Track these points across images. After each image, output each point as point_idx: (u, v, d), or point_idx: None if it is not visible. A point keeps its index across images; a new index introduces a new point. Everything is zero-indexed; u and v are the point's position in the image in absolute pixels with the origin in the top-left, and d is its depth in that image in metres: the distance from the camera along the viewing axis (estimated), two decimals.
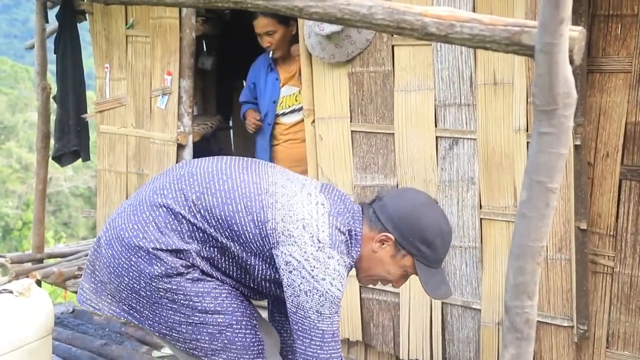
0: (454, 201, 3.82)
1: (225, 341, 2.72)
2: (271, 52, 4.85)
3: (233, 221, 2.59)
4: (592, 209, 3.52)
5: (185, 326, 2.69)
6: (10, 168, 22.72)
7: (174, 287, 2.62)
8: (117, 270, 2.68)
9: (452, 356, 3.94)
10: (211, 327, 2.69)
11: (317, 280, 2.52)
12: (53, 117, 6.18)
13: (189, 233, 2.62)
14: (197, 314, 2.67)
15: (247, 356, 2.77)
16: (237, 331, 2.73)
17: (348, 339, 4.28)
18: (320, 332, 2.58)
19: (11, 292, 3.72)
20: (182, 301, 2.64)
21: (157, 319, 2.72)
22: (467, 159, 3.77)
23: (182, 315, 2.67)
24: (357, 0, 2.00)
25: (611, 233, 3.51)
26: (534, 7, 3.41)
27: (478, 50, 3.61)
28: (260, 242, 2.61)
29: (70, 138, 5.94)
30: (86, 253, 6.25)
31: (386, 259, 2.78)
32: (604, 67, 3.41)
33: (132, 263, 2.63)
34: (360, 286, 4.14)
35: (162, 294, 2.64)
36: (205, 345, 2.73)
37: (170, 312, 2.68)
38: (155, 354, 4.57)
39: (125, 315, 2.80)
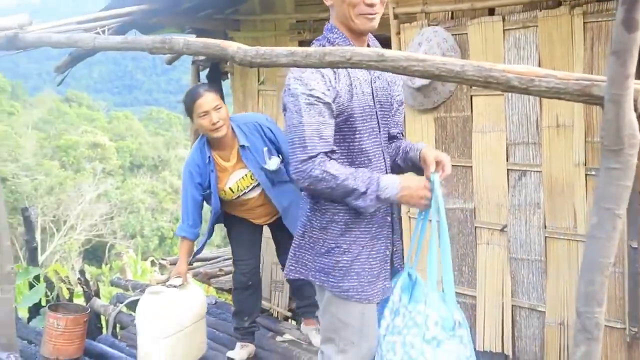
0: (522, 222, 3.76)
1: None
2: (214, 134, 3.89)
3: None
4: None
5: None
6: (165, 191, 23.30)
7: None
8: None
9: (519, 350, 3.86)
10: None
11: None
12: None
13: None
14: None
15: None
16: None
17: None
18: None
19: (175, 286, 3.81)
20: None
21: None
22: (533, 188, 3.70)
23: None
24: (451, 60, 1.99)
25: None
26: (591, 63, 3.36)
27: (543, 98, 3.56)
28: None
29: None
30: (224, 258, 6.38)
31: (338, 7, 2.53)
32: None
33: None
34: None
35: None
36: None
37: None
38: (278, 339, 4.60)
39: None
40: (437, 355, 2.40)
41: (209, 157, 3.97)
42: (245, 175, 4.03)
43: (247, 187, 4.05)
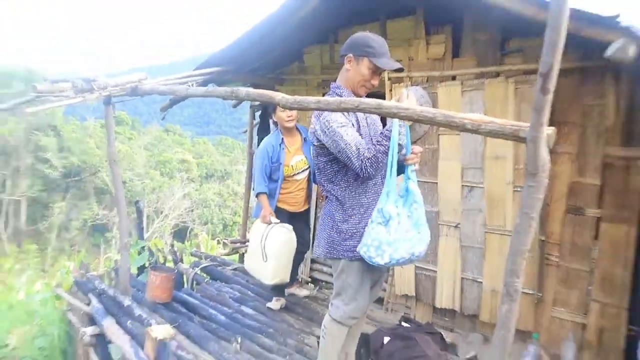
0: (470, 221, 3.75)
1: None
2: (287, 123, 4.01)
3: None
4: (548, 229, 3.39)
5: None
6: (228, 194, 23.40)
7: None
8: None
9: (464, 307, 3.84)
10: None
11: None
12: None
13: None
14: None
15: None
16: None
17: (406, 294, 4.21)
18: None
19: (278, 222, 3.87)
20: None
21: None
22: (478, 198, 3.69)
23: None
24: (426, 108, 2.02)
25: (557, 243, 3.37)
26: (519, 115, 3.36)
27: (487, 137, 3.56)
28: None
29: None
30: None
31: (355, 69, 2.54)
32: (558, 150, 3.30)
33: None
34: (415, 265, 4.09)
35: None
36: None
37: None
38: (301, 293, 4.60)
39: None
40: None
41: (282, 139, 4.08)
42: (302, 159, 4.12)
43: (301, 168, 4.11)
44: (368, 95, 2.50)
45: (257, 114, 5.96)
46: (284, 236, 3.81)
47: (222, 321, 3.96)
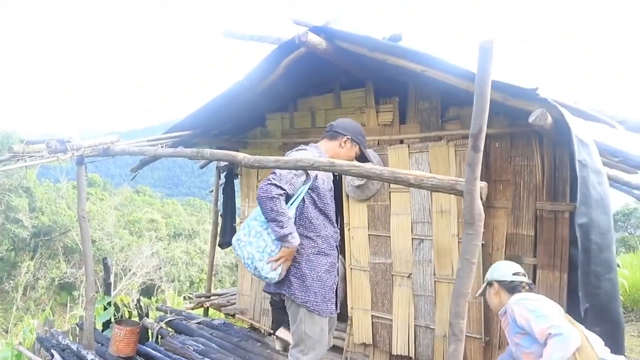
0: (421, 272, 3.78)
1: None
2: None
3: None
4: None
5: None
6: (195, 252, 22.88)
7: None
8: None
9: (419, 353, 3.80)
10: None
11: None
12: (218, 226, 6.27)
13: None
14: None
15: None
16: None
17: (364, 342, 4.14)
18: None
19: None
20: None
21: None
22: (427, 250, 3.74)
23: None
24: (375, 167, 2.09)
25: None
26: (459, 173, 3.48)
27: (433, 193, 3.66)
28: None
29: (227, 236, 5.95)
30: (231, 294, 6.24)
31: (347, 150, 2.78)
32: (495, 205, 3.42)
33: None
34: (372, 314, 4.05)
35: None
36: None
37: None
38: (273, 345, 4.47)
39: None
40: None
41: None
42: None
43: None
44: None
45: (223, 174, 5.97)
46: None
47: None
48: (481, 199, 1.77)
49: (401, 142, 3.93)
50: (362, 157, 2.82)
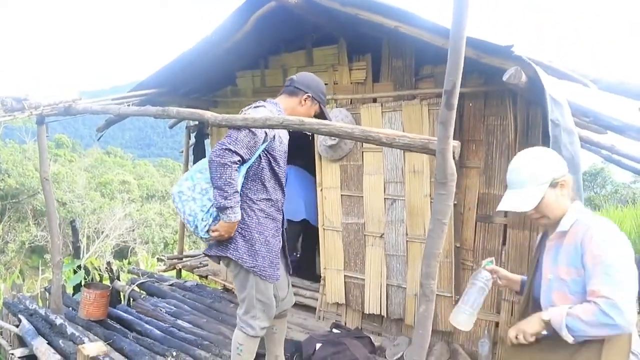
0: (393, 232, 3.79)
1: None
2: None
3: None
4: (462, 236, 3.48)
5: None
6: (169, 213, 22.73)
7: None
8: None
9: (390, 312, 3.86)
10: None
11: None
12: None
13: None
14: None
15: None
16: None
17: (337, 302, 4.18)
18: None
19: None
20: None
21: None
22: (400, 210, 3.74)
23: None
24: (346, 125, 2.02)
25: (471, 249, 3.47)
26: (433, 132, 3.45)
27: (406, 153, 3.63)
28: None
29: None
30: (201, 256, 6.20)
31: (307, 108, 2.63)
32: (468, 164, 3.41)
33: None
34: (345, 274, 4.07)
35: None
36: None
37: None
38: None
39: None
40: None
41: None
42: None
43: None
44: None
45: (193, 134, 5.82)
46: None
47: (157, 336, 3.76)
48: (454, 158, 1.73)
49: (374, 100, 3.85)
50: (321, 116, 2.67)
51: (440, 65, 3.50)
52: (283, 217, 2.73)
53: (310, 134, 2.64)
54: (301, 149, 4.42)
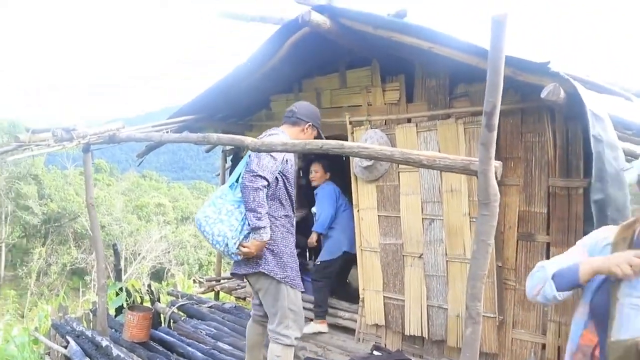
0: (432, 252, 3.75)
1: None
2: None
3: None
4: (503, 255, 3.42)
5: None
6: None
7: None
8: None
9: (432, 333, 3.79)
10: None
11: None
12: None
13: None
14: None
15: None
16: None
17: (377, 323, 4.14)
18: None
19: None
20: None
21: None
22: (438, 230, 3.70)
23: None
24: (386, 148, 2.04)
25: (513, 268, 3.40)
26: (469, 152, 3.43)
27: (443, 172, 3.61)
28: None
29: None
30: None
31: (307, 135, 2.93)
32: (506, 182, 3.37)
33: None
34: (384, 295, 4.05)
35: None
36: None
37: None
38: None
39: None
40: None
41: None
42: None
43: None
44: (331, 138, 2.53)
45: (229, 158, 5.93)
46: None
47: (199, 358, 3.80)
48: (496, 178, 1.72)
49: (409, 120, 3.86)
50: (318, 137, 2.98)
51: (474, 84, 3.50)
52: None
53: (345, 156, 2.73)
54: (336, 170, 4.49)
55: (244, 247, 2.63)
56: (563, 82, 2.53)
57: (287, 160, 2.79)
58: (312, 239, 4.57)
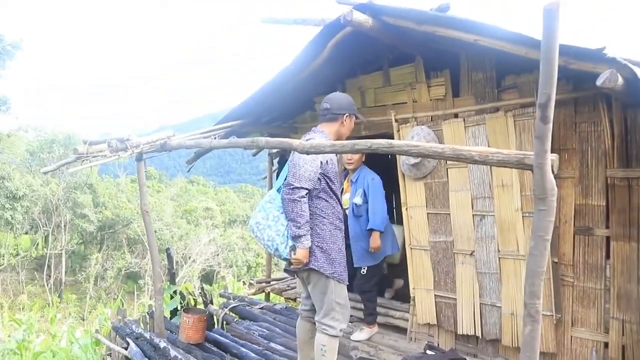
0: (484, 248, 3.68)
1: None
2: (346, 167, 4.25)
3: None
4: (559, 250, 3.31)
5: None
6: (250, 237, 23.38)
7: None
8: None
9: (485, 332, 3.72)
10: None
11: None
12: None
13: None
14: None
15: None
16: None
17: (428, 323, 4.10)
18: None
19: None
20: None
21: None
22: (490, 226, 3.63)
23: None
24: (435, 145, 2.02)
25: (570, 263, 3.29)
26: (520, 145, 3.34)
27: (493, 168, 3.53)
28: None
29: None
30: (290, 278, 6.32)
31: (348, 126, 3.01)
32: (561, 175, 3.26)
33: None
34: (435, 294, 4.00)
35: None
36: None
37: None
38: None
39: None
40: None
41: (346, 173, 4.36)
42: (346, 198, 4.21)
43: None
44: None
45: (276, 160, 6.01)
46: None
47: (253, 359, 3.88)
48: (552, 172, 1.67)
49: (456, 116, 3.80)
50: (357, 123, 3.12)
51: (523, 75, 3.40)
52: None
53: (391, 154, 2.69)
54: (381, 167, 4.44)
55: (294, 259, 2.75)
56: (620, 68, 2.42)
57: (327, 162, 2.86)
58: (377, 242, 4.04)
